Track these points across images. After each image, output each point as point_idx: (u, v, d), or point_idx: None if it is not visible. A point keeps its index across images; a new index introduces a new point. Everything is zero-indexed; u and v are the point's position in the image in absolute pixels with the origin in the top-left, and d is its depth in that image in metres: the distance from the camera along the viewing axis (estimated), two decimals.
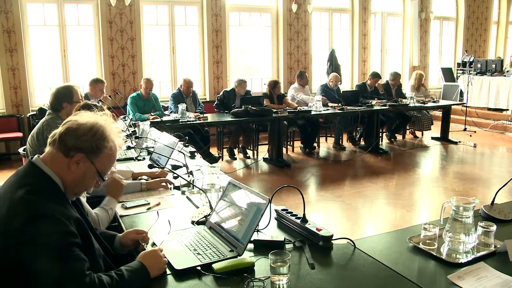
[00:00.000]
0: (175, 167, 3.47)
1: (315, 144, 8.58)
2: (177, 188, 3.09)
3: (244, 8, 10.10)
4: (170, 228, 2.34)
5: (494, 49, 15.04)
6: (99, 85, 6.23)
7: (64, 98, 3.80)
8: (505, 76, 11.34)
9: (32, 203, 1.61)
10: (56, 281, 1.54)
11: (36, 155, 1.80)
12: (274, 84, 8.09)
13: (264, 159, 7.73)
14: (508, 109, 11.05)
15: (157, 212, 2.62)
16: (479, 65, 11.97)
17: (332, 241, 2.16)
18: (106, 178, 1.91)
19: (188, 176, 3.18)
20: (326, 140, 9.26)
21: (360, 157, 8.12)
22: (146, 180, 3.17)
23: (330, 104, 8.29)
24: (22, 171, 1.77)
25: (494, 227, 2.14)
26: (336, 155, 8.36)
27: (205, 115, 7.04)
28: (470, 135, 9.99)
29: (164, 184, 3.14)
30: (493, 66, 11.69)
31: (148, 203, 2.77)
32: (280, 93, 8.25)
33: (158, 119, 6.53)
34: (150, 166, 3.42)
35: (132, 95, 7.18)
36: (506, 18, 14.92)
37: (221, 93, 8.04)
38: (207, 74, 9.55)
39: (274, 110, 7.33)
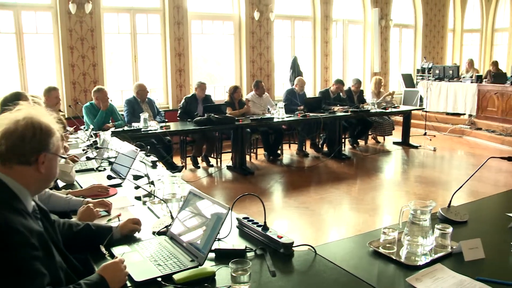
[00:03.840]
0: (137, 177, 3.43)
1: (279, 151, 8.62)
2: (138, 198, 3.05)
3: (206, 16, 10.10)
4: (131, 239, 2.31)
5: (451, 56, 15.49)
6: (53, 93, 6.11)
7: None
8: (461, 82, 11.68)
9: None
10: None
11: None
12: (234, 89, 8.14)
13: (228, 167, 7.72)
14: (465, 114, 11.38)
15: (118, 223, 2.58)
16: (437, 71, 12.29)
17: (293, 248, 2.17)
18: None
19: (149, 186, 3.15)
20: (289, 147, 9.31)
21: (323, 163, 8.20)
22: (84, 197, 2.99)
23: (299, 108, 8.37)
24: None
25: (450, 229, 2.20)
26: (299, 162, 8.42)
27: (167, 123, 6.98)
28: (430, 139, 10.23)
29: (99, 190, 3.13)
30: (450, 72, 12.02)
31: (109, 215, 2.73)
32: (241, 98, 8.29)
33: (120, 129, 6.45)
34: (109, 177, 3.37)
35: (85, 104, 6.98)
36: (461, 27, 15.41)
37: (183, 100, 8.00)
38: (170, 82, 9.49)
39: (237, 118, 7.34)
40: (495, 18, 15.64)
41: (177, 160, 7.63)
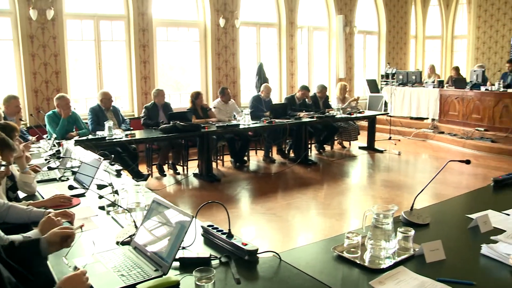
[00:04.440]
0: (101, 187, 3.39)
1: (245, 158, 8.62)
2: (102, 208, 3.01)
3: (171, 23, 10.05)
4: (94, 250, 2.28)
5: (413, 62, 15.84)
6: (13, 102, 5.99)
7: None
8: (424, 87, 11.94)
9: None
10: None
11: None
12: (195, 96, 8.11)
13: (194, 175, 7.67)
14: (428, 118, 11.64)
15: (80, 234, 2.53)
16: (400, 77, 12.53)
17: (257, 255, 2.18)
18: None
19: (113, 195, 3.11)
20: (256, 153, 9.33)
21: (290, 169, 8.24)
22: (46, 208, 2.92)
23: (265, 114, 8.42)
24: None
25: (412, 232, 2.24)
26: (266, 168, 8.44)
27: (132, 132, 6.91)
28: (395, 144, 10.40)
29: (62, 200, 3.08)
30: (413, 77, 12.27)
31: (71, 226, 2.68)
32: (203, 105, 8.28)
33: (84, 137, 6.35)
34: (70, 187, 3.31)
35: (48, 113, 6.84)
36: (422, 33, 15.83)
37: (143, 110, 7.93)
38: (135, 90, 9.39)
39: (202, 125, 7.32)
40: (454, 25, 16.08)
41: (143, 168, 7.55)
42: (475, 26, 14.38)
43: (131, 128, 7.40)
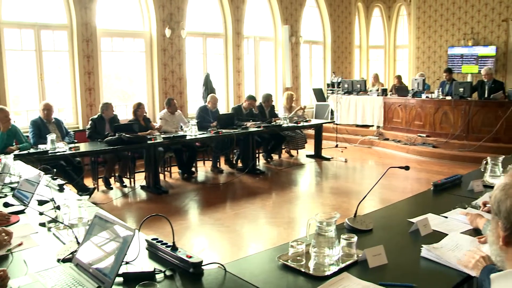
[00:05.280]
0: (41, 203, 3.28)
1: (193, 169, 8.56)
2: (43, 225, 2.91)
3: (116, 34, 9.90)
4: (27, 269, 2.19)
5: (358, 71, 16.27)
6: None
7: None
8: (368, 95, 12.26)
9: None
10: None
11: None
12: (137, 106, 7.99)
13: (142, 187, 7.55)
14: (373, 125, 11.94)
15: (11, 253, 2.42)
16: (346, 85, 12.80)
17: (203, 267, 2.16)
18: None
19: (55, 211, 3.02)
20: (204, 164, 9.29)
21: (238, 179, 8.24)
22: None
23: (212, 125, 8.38)
24: None
25: (355, 238, 2.28)
26: (214, 179, 8.41)
27: (77, 144, 6.74)
28: (342, 151, 10.60)
29: None
30: (358, 86, 12.57)
31: (9, 244, 2.58)
32: (145, 115, 8.19)
33: (25, 151, 6.14)
34: (6, 205, 3.19)
35: None
36: (366, 43, 16.34)
37: (89, 122, 7.75)
38: (79, 101, 9.15)
39: (149, 137, 7.23)
40: (396, 36, 16.65)
41: (88, 182, 7.37)
42: (415, 37, 14.91)
43: (76, 140, 7.22)
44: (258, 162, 9.27)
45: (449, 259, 2.19)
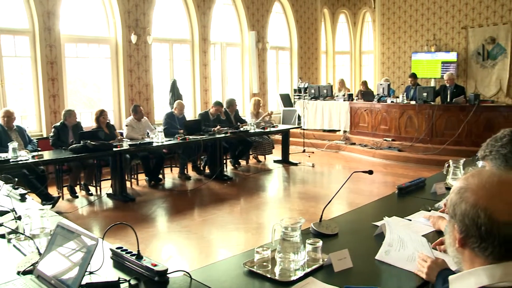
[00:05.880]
0: (1, 213, 3.19)
1: (160, 176, 8.48)
2: (3, 236, 2.83)
3: (81, 39, 9.75)
4: None
5: (325, 76, 16.46)
6: None
7: None
8: (335, 100, 12.39)
9: None
10: None
11: None
12: (100, 113, 7.87)
13: (108, 195, 7.43)
14: (340, 130, 12.08)
15: None
16: (312, 91, 12.91)
17: (168, 275, 2.14)
18: None
19: (15, 221, 2.94)
20: (171, 170, 9.22)
21: (205, 185, 8.21)
22: None
23: (179, 131, 8.32)
24: None
25: (320, 243, 2.29)
26: (182, 185, 8.36)
27: (40, 153, 6.60)
28: (309, 156, 10.67)
29: None
30: (325, 91, 12.70)
31: None
32: (108, 122, 8.08)
33: None
34: None
35: None
36: (332, 49, 16.57)
37: (52, 129, 7.60)
38: (43, 108, 8.98)
39: (115, 144, 7.14)
40: (361, 41, 16.92)
41: (53, 191, 7.22)
42: (380, 43, 15.15)
43: (39, 148, 7.07)
44: (226, 168, 9.26)
45: (404, 265, 2.21)
